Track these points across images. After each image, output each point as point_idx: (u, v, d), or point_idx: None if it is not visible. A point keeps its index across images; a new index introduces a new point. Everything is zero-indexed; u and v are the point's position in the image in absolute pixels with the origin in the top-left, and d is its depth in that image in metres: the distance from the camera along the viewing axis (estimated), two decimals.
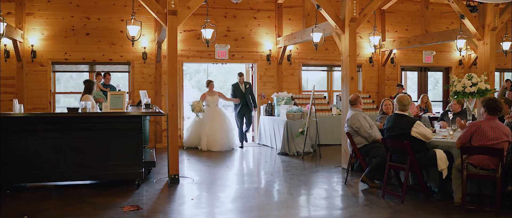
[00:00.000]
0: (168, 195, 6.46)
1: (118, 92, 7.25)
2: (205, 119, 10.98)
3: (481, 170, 5.49)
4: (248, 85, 11.38)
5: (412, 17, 13.57)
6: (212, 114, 11.05)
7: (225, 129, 11.05)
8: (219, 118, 11.05)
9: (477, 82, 6.58)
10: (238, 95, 11.31)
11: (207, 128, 10.92)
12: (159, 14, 7.32)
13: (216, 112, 11.13)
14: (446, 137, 6.50)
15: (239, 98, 11.30)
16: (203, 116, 10.94)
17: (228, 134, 11.05)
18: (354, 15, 8.08)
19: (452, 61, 14.22)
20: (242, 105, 11.33)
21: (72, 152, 6.78)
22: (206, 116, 10.98)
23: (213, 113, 11.07)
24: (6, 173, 6.55)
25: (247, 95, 11.34)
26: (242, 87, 11.36)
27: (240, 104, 11.34)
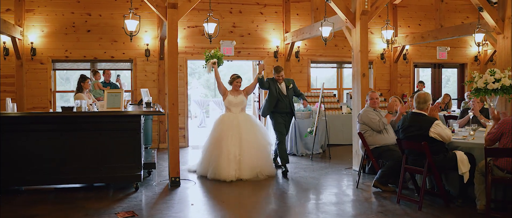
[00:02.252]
0: (167, 200, 6.04)
1: (115, 91, 6.85)
2: (225, 133, 7.38)
3: (508, 173, 5.00)
4: (291, 84, 8.06)
5: (425, 11, 13.03)
6: (236, 123, 7.46)
7: (259, 144, 7.50)
8: (249, 127, 7.53)
9: (501, 78, 6.07)
10: (273, 98, 7.93)
11: (230, 146, 7.26)
12: (159, 8, 6.90)
13: (242, 120, 7.55)
14: (466, 137, 6.01)
15: (273, 101, 7.94)
16: (221, 127, 7.51)
17: (264, 153, 7.53)
18: (365, 8, 7.61)
19: (467, 58, 13.66)
20: (282, 112, 7.99)
21: (67, 154, 6.39)
22: (226, 128, 7.45)
23: (238, 121, 7.49)
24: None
25: (290, 98, 8.07)
26: (282, 87, 7.97)
27: (279, 110, 7.97)
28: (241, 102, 7.70)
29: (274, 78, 8.00)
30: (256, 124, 7.72)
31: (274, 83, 7.96)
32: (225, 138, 7.32)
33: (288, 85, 8.01)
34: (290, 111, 8.06)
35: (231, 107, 7.66)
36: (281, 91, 7.95)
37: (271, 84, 7.93)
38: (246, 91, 7.81)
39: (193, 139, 11.97)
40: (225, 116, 7.65)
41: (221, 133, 7.41)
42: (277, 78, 7.95)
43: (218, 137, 7.41)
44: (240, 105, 7.69)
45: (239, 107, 7.67)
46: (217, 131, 7.50)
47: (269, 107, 8.00)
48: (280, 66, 8.02)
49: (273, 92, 7.93)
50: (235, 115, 7.60)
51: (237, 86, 7.79)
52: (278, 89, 7.94)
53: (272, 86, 7.92)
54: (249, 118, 7.76)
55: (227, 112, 7.70)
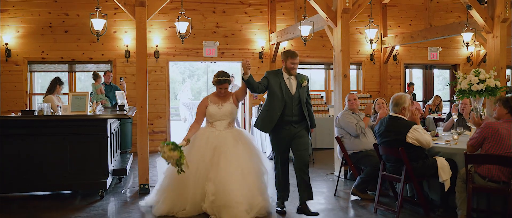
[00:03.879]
0: (131, 209, 5.67)
1: (80, 93, 6.48)
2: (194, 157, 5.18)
3: (490, 182, 4.64)
4: (306, 81, 5.40)
5: (416, 11, 12.69)
6: (214, 145, 5.26)
7: (250, 171, 5.24)
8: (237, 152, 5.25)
9: (486, 78, 5.72)
10: (277, 101, 5.25)
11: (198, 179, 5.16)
12: (127, 6, 6.55)
13: (226, 140, 5.29)
14: (449, 142, 5.65)
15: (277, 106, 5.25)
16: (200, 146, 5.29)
17: (256, 183, 5.25)
18: (346, 6, 7.26)
19: (459, 58, 13.31)
20: (285, 121, 5.28)
21: (29, 159, 6.03)
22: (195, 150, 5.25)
23: (218, 142, 5.27)
24: None
25: (301, 99, 5.36)
26: (291, 83, 5.33)
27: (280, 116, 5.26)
28: (228, 114, 5.34)
29: (278, 71, 5.39)
30: (250, 147, 5.39)
31: (277, 77, 5.30)
32: (193, 165, 5.05)
33: (301, 82, 5.33)
34: (298, 120, 5.31)
35: (213, 122, 5.36)
36: (289, 89, 5.29)
37: (272, 79, 5.28)
38: (236, 98, 5.45)
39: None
40: (202, 132, 5.34)
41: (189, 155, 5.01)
42: (291, 67, 5.26)
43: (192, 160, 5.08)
44: (226, 118, 5.34)
45: (225, 121, 5.33)
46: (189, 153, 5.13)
47: (271, 117, 5.23)
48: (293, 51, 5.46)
49: (275, 91, 5.24)
50: (218, 132, 5.28)
51: (221, 92, 5.37)
52: (283, 87, 5.26)
53: (273, 82, 5.27)
54: (240, 137, 5.36)
55: (207, 127, 5.42)
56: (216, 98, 5.40)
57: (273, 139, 5.42)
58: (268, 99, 5.35)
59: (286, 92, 5.25)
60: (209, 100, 5.42)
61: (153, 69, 10.65)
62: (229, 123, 5.40)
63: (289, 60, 5.27)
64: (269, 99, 5.32)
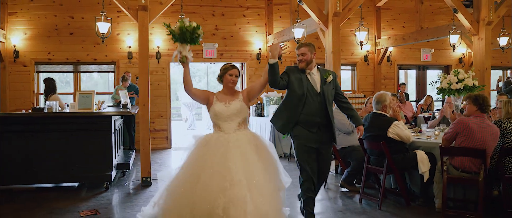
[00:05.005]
0: (134, 199, 6.11)
1: (86, 92, 6.92)
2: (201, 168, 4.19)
3: (463, 173, 5.07)
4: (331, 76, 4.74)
5: (408, 14, 13.11)
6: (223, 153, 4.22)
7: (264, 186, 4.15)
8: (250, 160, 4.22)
9: (464, 78, 6.14)
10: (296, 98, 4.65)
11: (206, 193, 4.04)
12: (130, 10, 6.99)
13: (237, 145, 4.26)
14: (430, 138, 6.08)
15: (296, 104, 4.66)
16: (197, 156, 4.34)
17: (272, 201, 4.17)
18: (337, 10, 7.68)
19: (452, 59, 13.73)
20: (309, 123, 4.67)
21: (39, 154, 6.46)
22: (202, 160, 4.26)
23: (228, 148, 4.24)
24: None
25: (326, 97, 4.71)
26: (313, 78, 4.73)
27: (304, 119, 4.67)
28: (237, 113, 4.37)
29: (296, 66, 4.72)
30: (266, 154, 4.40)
31: (298, 72, 4.68)
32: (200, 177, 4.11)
33: (325, 77, 4.71)
34: (325, 122, 4.70)
35: (220, 123, 4.37)
36: (312, 85, 4.69)
37: (292, 75, 4.66)
38: (247, 94, 4.51)
39: (178, 141, 12.07)
40: (208, 138, 4.39)
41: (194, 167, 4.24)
42: (299, 59, 4.69)
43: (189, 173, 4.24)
44: (236, 117, 4.37)
45: (234, 121, 4.36)
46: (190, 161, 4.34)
47: (290, 116, 4.67)
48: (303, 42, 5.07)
49: (295, 87, 4.63)
50: (227, 136, 4.30)
51: (231, 83, 4.47)
52: (305, 82, 4.66)
53: (293, 78, 4.64)
54: (256, 141, 4.40)
55: (214, 131, 4.44)
56: (224, 96, 4.46)
57: (297, 148, 4.68)
58: (287, 96, 4.73)
59: (309, 89, 4.62)
60: (215, 97, 4.45)
61: (154, 70, 11.09)
62: (239, 124, 4.37)
63: (296, 52, 4.75)
64: (289, 97, 4.69)
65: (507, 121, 5.18)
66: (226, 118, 4.37)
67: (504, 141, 5.12)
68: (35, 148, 6.45)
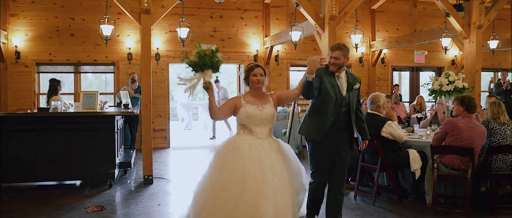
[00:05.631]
0: (137, 196, 6.34)
1: (90, 92, 7.15)
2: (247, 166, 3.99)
3: (452, 170, 5.33)
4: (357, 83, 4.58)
5: (403, 16, 13.39)
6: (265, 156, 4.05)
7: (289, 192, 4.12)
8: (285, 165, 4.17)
9: (454, 80, 6.42)
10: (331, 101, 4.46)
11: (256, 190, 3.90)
12: (133, 13, 7.22)
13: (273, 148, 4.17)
14: (421, 137, 6.35)
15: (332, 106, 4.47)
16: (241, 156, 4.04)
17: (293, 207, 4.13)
18: (333, 13, 7.95)
19: (444, 61, 14.03)
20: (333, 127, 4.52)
21: (44, 152, 6.68)
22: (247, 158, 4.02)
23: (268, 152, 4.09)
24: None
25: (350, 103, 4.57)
26: (341, 82, 4.56)
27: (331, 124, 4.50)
28: (270, 119, 4.18)
29: (327, 68, 4.46)
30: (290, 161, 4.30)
31: (328, 75, 4.47)
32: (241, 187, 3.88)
33: (353, 83, 4.55)
34: (345, 126, 4.57)
35: (253, 127, 4.12)
36: (340, 90, 4.51)
37: (325, 78, 4.44)
38: (277, 101, 4.30)
39: (176, 141, 12.29)
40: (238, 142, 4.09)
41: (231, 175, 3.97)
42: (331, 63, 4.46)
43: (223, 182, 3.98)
44: (268, 123, 4.18)
45: (266, 127, 4.17)
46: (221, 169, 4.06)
47: (323, 123, 4.46)
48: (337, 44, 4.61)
49: (329, 91, 4.43)
50: (261, 141, 4.08)
51: (258, 84, 4.17)
52: (336, 87, 4.48)
53: (326, 81, 4.43)
54: (281, 148, 4.27)
55: (244, 134, 4.14)
56: (253, 99, 4.15)
57: (317, 149, 4.55)
58: (318, 101, 4.46)
59: (338, 93, 4.46)
60: (243, 99, 4.16)
61: (154, 71, 11.30)
62: (270, 130, 4.21)
63: (329, 53, 4.50)
64: (321, 101, 4.44)
65: (494, 121, 5.46)
66: (260, 122, 4.10)
67: (491, 140, 5.40)
68: (40, 147, 6.66)
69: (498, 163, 5.34)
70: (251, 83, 4.20)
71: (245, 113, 4.09)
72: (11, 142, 6.58)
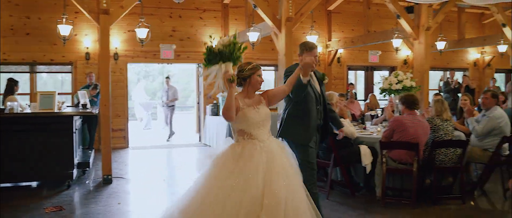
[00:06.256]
0: (96, 195, 6.38)
1: (47, 92, 7.10)
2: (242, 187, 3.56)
3: (400, 164, 5.67)
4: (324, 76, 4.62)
5: (358, 17, 13.84)
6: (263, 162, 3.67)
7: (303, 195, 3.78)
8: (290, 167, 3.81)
9: (403, 79, 6.80)
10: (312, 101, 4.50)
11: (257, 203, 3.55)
12: (92, 13, 7.24)
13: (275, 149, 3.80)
14: (372, 133, 6.68)
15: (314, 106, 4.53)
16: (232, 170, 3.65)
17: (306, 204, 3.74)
18: (290, 15, 8.20)
19: (397, 61, 14.59)
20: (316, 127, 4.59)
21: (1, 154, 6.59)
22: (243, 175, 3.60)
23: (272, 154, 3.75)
24: None
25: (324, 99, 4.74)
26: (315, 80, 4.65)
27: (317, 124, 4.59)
28: (268, 118, 3.90)
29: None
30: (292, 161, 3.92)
31: None
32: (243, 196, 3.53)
33: (323, 79, 4.61)
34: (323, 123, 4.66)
35: (252, 131, 3.78)
36: (316, 87, 4.58)
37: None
38: (268, 101, 3.98)
39: (135, 141, 12.27)
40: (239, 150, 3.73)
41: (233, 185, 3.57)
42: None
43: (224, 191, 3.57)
44: (267, 124, 3.89)
45: (266, 128, 3.87)
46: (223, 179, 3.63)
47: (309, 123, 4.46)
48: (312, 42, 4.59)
49: (309, 91, 4.44)
50: (263, 144, 3.77)
51: (259, 85, 3.93)
52: (312, 85, 4.51)
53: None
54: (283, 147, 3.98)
55: (244, 140, 3.78)
56: (247, 100, 3.85)
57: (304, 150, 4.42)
58: (303, 102, 4.38)
59: (316, 91, 4.50)
60: (239, 98, 3.81)
61: (112, 71, 11.22)
62: (269, 130, 3.91)
63: (307, 53, 4.33)
64: (304, 103, 4.39)
65: (437, 118, 5.85)
66: (259, 124, 3.80)
67: (435, 135, 5.79)
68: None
69: (441, 156, 5.72)
70: (253, 83, 3.87)
71: (244, 117, 3.74)
72: None
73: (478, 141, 6.18)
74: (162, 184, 7.37)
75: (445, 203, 5.75)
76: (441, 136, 5.79)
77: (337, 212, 5.47)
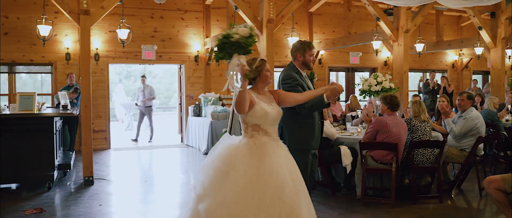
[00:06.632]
0: (77, 197, 6.35)
1: (27, 93, 7.02)
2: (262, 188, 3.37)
3: (381, 164, 5.78)
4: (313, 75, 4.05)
5: (339, 19, 13.99)
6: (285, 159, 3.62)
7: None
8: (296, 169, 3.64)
9: (382, 81, 6.91)
10: None
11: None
12: (72, 14, 7.18)
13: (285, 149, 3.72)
14: (352, 134, 6.78)
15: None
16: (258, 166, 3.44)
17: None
18: (271, 16, 8.26)
19: (377, 62, 14.79)
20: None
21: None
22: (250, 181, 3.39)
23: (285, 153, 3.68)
24: None
25: None
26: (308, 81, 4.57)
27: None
28: (279, 117, 3.76)
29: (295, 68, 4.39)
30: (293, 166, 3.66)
31: (301, 77, 4.40)
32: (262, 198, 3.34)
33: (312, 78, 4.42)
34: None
35: (267, 127, 3.62)
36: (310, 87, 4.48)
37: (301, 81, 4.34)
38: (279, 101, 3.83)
39: (117, 142, 12.19)
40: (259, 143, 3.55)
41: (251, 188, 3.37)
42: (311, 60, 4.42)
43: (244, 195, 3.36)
44: (277, 123, 3.77)
45: (276, 126, 3.76)
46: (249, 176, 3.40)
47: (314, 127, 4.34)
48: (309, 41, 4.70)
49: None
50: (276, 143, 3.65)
51: (270, 80, 3.77)
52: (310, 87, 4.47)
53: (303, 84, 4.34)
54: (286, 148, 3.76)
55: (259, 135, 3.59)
56: (261, 96, 3.69)
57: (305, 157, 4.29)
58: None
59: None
60: (252, 92, 3.64)
61: (93, 71, 11.15)
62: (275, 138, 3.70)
63: (308, 52, 4.36)
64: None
65: (415, 119, 5.98)
66: (273, 121, 3.64)
67: (413, 136, 5.91)
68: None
69: (419, 157, 5.84)
70: (263, 78, 3.70)
71: (261, 111, 3.54)
72: None
73: (456, 141, 6.33)
74: (144, 185, 7.36)
75: (423, 202, 5.87)
76: (419, 136, 5.91)
77: (319, 211, 5.49)
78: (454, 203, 6.01)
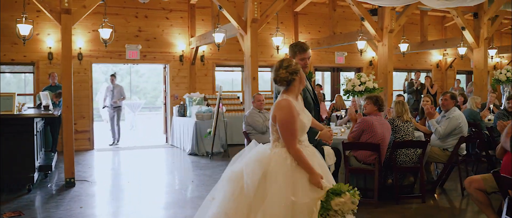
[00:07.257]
0: (58, 199, 6.25)
1: (7, 94, 6.90)
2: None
3: (365, 164, 5.78)
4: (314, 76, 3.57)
5: (324, 19, 14.01)
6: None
7: None
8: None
9: (366, 81, 6.92)
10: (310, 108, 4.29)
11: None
12: (53, 13, 7.07)
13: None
14: (336, 134, 6.77)
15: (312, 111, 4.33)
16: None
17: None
18: (255, 16, 8.22)
19: (363, 62, 14.84)
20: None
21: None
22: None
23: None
24: None
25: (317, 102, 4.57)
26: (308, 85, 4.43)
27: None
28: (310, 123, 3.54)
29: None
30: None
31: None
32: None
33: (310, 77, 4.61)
34: None
35: (301, 137, 3.38)
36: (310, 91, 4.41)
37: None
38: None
39: (100, 142, 12.05)
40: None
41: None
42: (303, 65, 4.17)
43: None
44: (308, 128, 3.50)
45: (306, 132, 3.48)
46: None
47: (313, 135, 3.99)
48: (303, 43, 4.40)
49: (307, 97, 4.28)
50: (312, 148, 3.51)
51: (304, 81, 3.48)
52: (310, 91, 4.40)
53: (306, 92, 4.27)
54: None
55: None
56: (298, 104, 3.42)
57: None
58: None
59: (313, 96, 4.32)
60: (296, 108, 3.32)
61: (76, 71, 11.03)
62: None
63: (298, 56, 4.19)
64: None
65: (398, 119, 5.99)
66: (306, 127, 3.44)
67: (395, 136, 5.92)
68: None
69: (402, 157, 5.85)
70: (297, 85, 3.36)
71: (301, 123, 3.30)
72: None
73: (440, 141, 6.35)
74: (127, 186, 7.29)
75: (406, 201, 5.89)
76: (401, 136, 5.93)
77: None
78: (436, 202, 6.04)
